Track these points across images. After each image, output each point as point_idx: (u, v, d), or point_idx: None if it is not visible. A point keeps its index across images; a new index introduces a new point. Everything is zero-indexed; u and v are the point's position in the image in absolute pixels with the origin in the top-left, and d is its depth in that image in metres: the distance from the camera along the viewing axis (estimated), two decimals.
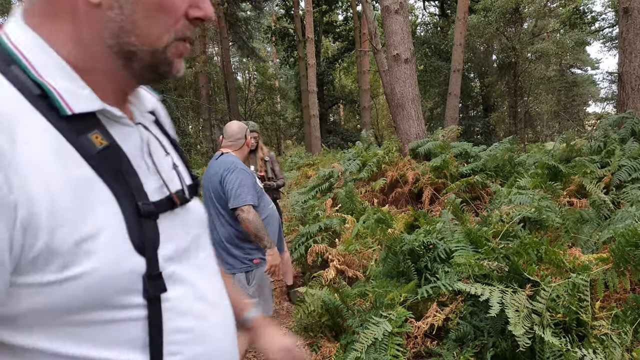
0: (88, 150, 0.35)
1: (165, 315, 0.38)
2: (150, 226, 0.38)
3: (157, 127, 0.48)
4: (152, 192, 0.40)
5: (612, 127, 3.39)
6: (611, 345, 1.30)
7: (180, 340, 0.40)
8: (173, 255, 0.41)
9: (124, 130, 0.40)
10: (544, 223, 2.11)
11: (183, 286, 0.41)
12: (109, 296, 0.35)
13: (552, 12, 12.84)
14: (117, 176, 0.37)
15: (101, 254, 0.34)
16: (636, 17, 3.54)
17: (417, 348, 1.66)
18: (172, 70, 0.40)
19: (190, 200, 0.45)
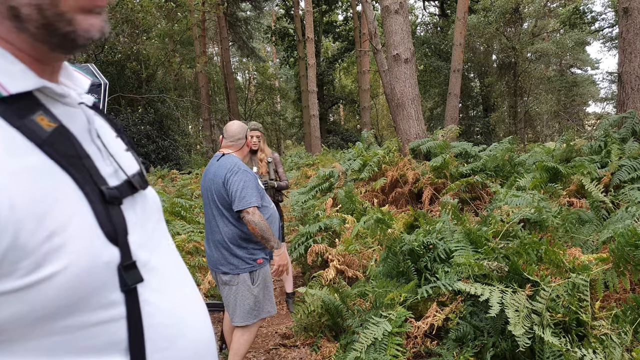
0: (37, 135, 0.31)
1: (144, 310, 0.35)
2: (117, 212, 0.34)
3: (92, 108, 0.42)
4: (108, 177, 0.36)
5: (612, 127, 3.39)
6: (611, 345, 1.30)
7: (165, 334, 0.36)
8: (143, 241, 0.37)
9: (68, 110, 0.35)
10: (544, 223, 2.11)
11: (158, 276, 0.37)
12: (87, 294, 0.31)
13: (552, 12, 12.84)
14: (74, 160, 0.33)
15: (73, 247, 0.30)
16: (636, 17, 3.54)
17: (417, 348, 1.66)
18: (76, 29, 0.32)
19: (147, 186, 0.42)
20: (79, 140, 0.35)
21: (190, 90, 15.26)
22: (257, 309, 1.63)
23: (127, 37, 9.09)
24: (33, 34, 0.32)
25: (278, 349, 2.11)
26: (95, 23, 0.33)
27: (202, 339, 0.41)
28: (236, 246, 1.60)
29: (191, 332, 0.40)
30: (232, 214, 1.60)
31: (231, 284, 1.62)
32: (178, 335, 0.38)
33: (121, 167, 0.38)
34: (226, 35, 12.51)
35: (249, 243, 1.62)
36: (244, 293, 1.61)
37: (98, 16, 0.34)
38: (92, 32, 0.33)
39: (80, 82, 0.40)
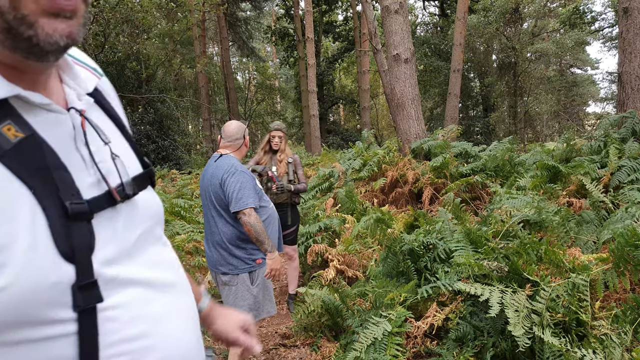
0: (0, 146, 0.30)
1: (105, 326, 0.33)
2: (82, 228, 0.33)
3: (101, 110, 0.41)
4: (88, 187, 0.35)
5: (612, 127, 3.39)
6: (611, 345, 1.30)
7: (126, 350, 0.35)
8: (115, 257, 0.35)
9: (50, 117, 0.34)
10: (544, 223, 2.11)
11: (132, 288, 0.36)
12: (32, 312, 0.30)
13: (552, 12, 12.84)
14: (39, 173, 0.31)
15: (16, 266, 0.29)
16: (636, 17, 3.54)
17: (417, 348, 1.66)
18: (38, 33, 0.30)
19: (137, 194, 0.40)
20: (55, 150, 0.33)
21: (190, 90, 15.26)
22: (257, 309, 1.63)
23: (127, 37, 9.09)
24: (5, 42, 0.30)
25: (278, 349, 2.11)
26: (60, 28, 0.31)
27: (177, 354, 0.39)
28: (235, 247, 1.60)
29: (163, 346, 0.37)
30: (230, 214, 1.59)
31: (230, 284, 1.62)
32: (145, 350, 0.36)
33: (104, 177, 0.36)
34: (226, 35, 12.50)
35: (248, 244, 1.62)
36: (243, 293, 1.61)
37: (65, 21, 0.32)
38: (54, 37, 0.31)
39: (83, 83, 0.39)
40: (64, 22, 0.31)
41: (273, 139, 2.57)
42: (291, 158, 2.56)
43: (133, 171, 0.41)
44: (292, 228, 2.57)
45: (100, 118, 0.41)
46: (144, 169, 0.43)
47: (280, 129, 2.59)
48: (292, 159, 2.56)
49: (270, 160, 2.57)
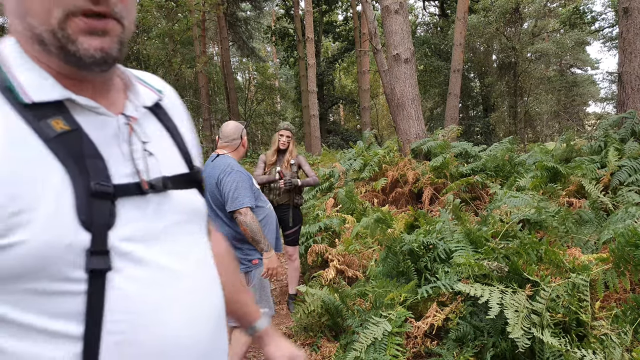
0: (46, 134, 0.38)
1: (111, 293, 0.38)
2: (103, 206, 0.39)
3: (157, 120, 0.49)
4: (122, 176, 0.41)
5: (612, 127, 3.39)
6: (611, 346, 1.30)
7: (125, 320, 0.39)
8: (134, 236, 0.41)
9: (98, 119, 0.42)
10: (543, 223, 2.11)
11: (141, 268, 0.40)
12: (48, 266, 0.36)
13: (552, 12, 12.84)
14: (75, 158, 0.39)
15: (38, 225, 0.35)
16: (636, 17, 3.54)
17: (417, 348, 1.66)
18: (79, 48, 0.38)
19: (170, 189, 0.45)
20: (96, 143, 0.41)
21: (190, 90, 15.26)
22: None
23: None
24: (57, 54, 0.39)
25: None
26: (94, 44, 0.39)
27: (175, 342, 0.41)
28: (231, 247, 1.60)
29: (160, 329, 0.41)
30: (226, 214, 1.59)
31: None
32: (141, 326, 0.39)
33: (138, 170, 0.43)
34: (226, 35, 12.50)
35: (244, 244, 1.61)
36: None
37: (99, 38, 0.39)
38: (91, 52, 0.39)
39: (141, 97, 0.48)
40: (97, 39, 0.39)
41: (280, 137, 2.58)
42: (293, 160, 2.56)
43: (172, 171, 0.47)
44: (294, 229, 2.57)
45: (153, 126, 0.48)
46: (191, 171, 0.49)
47: (288, 129, 2.59)
48: (295, 160, 2.56)
49: (277, 160, 2.58)
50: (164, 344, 0.41)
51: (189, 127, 0.54)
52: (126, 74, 0.49)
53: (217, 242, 0.64)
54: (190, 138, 0.53)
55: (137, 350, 0.39)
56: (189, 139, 0.52)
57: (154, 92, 0.50)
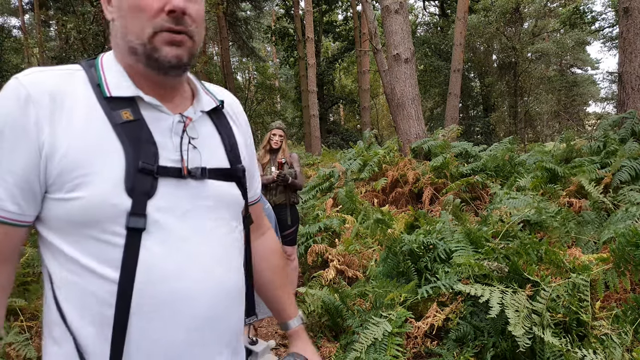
0: (115, 120, 0.50)
1: (143, 249, 0.48)
2: (147, 180, 0.49)
3: (211, 123, 0.59)
4: (168, 160, 0.52)
5: (612, 127, 3.39)
6: (611, 346, 1.30)
7: (150, 272, 0.48)
8: (167, 208, 0.50)
9: (158, 115, 0.53)
10: (544, 224, 2.11)
11: (167, 234, 0.50)
12: (99, 219, 0.48)
13: (552, 12, 12.84)
14: (134, 141, 0.50)
15: (94, 187, 0.47)
16: (636, 17, 3.54)
17: (417, 348, 1.66)
18: (160, 55, 0.51)
19: (208, 178, 0.54)
20: (152, 132, 0.52)
21: None
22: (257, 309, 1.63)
23: None
24: (144, 61, 0.52)
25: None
26: (171, 52, 0.51)
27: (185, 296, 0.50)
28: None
29: (175, 285, 0.49)
30: None
31: None
32: (161, 279, 0.49)
33: (183, 157, 0.53)
34: (226, 35, 12.49)
35: None
36: None
37: (176, 48, 0.51)
38: (169, 58, 0.51)
39: (202, 102, 0.58)
40: (174, 49, 0.51)
41: (273, 137, 2.58)
42: (284, 159, 2.56)
43: (213, 164, 0.56)
44: (292, 228, 2.57)
45: (207, 128, 0.58)
46: (232, 167, 0.58)
47: (280, 127, 2.59)
48: (285, 159, 2.56)
49: (270, 160, 2.58)
50: (176, 297, 0.49)
51: (246, 133, 0.65)
52: (197, 85, 0.60)
53: (267, 240, 0.73)
54: (243, 142, 0.63)
55: (156, 299, 0.49)
56: (241, 142, 0.62)
57: (214, 101, 0.60)
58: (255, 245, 0.69)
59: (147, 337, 0.49)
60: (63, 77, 0.51)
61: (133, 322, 0.48)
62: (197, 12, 0.52)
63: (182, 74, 0.54)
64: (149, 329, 0.49)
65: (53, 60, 12.21)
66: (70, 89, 0.51)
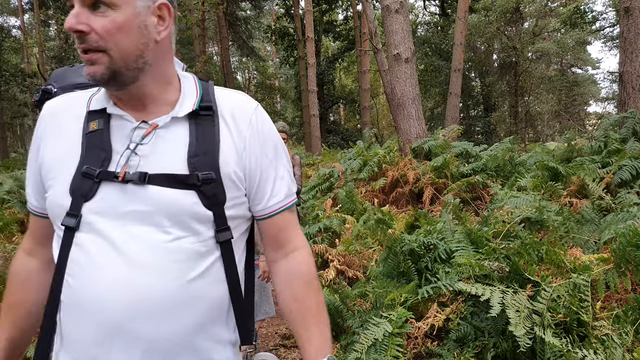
0: (84, 129, 0.57)
1: (74, 247, 0.54)
2: (87, 183, 0.54)
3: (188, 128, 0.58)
4: (117, 166, 0.55)
5: (613, 127, 3.38)
6: (612, 346, 1.30)
7: (76, 269, 0.53)
8: (101, 211, 0.54)
9: (123, 123, 0.57)
10: (545, 223, 2.10)
11: (96, 235, 0.53)
12: (53, 216, 0.56)
13: (553, 11, 12.82)
14: (90, 148, 0.55)
15: (53, 188, 0.56)
16: (637, 17, 3.53)
17: (418, 349, 1.66)
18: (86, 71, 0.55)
19: (154, 185, 0.54)
20: (113, 139, 0.56)
21: None
22: (256, 309, 1.63)
23: None
24: None
25: (278, 350, 2.11)
26: (88, 70, 0.53)
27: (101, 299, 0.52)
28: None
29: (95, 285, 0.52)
30: None
31: None
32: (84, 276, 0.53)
33: (122, 163, 0.55)
34: (226, 35, 12.49)
35: None
36: None
37: (89, 66, 0.53)
38: (89, 76, 0.54)
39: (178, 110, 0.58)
40: (89, 67, 0.53)
41: None
42: None
43: (160, 170, 0.55)
44: None
45: (176, 133, 0.57)
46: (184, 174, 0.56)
47: (283, 130, 2.58)
48: None
49: None
50: (88, 297, 0.52)
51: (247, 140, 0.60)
52: (186, 92, 0.59)
53: (291, 263, 0.63)
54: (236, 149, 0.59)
55: (74, 296, 0.53)
56: (231, 149, 0.58)
57: (193, 105, 0.59)
58: (277, 268, 0.64)
59: (68, 332, 0.53)
60: (75, 98, 0.60)
61: (60, 315, 0.54)
62: (104, 27, 0.50)
63: (120, 87, 0.54)
64: (68, 324, 0.53)
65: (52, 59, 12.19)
66: (70, 107, 0.58)
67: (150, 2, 0.53)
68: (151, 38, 0.54)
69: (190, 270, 0.54)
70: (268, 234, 0.64)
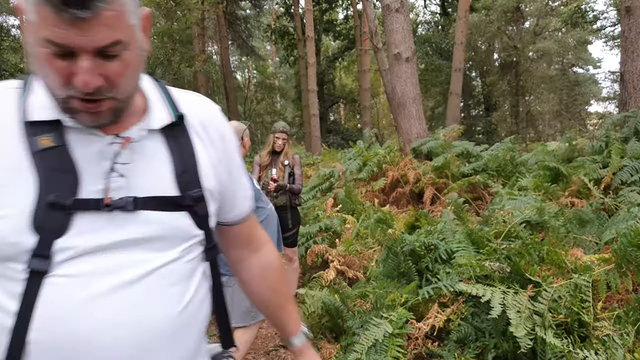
0: (32, 148, 0.45)
1: (44, 290, 0.44)
2: (57, 216, 0.44)
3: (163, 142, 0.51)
4: (90, 192, 0.46)
5: (614, 126, 3.37)
6: (613, 346, 1.30)
7: (49, 317, 0.44)
8: (80, 247, 0.45)
9: (88, 137, 0.47)
10: (546, 224, 2.10)
11: (79, 274, 0.45)
12: (3, 256, 0.44)
13: (554, 10, 12.80)
14: (49, 171, 0.44)
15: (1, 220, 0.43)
16: (638, 16, 3.52)
17: (418, 349, 1.66)
18: (78, 119, 0.45)
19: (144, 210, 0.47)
20: (77, 158, 0.46)
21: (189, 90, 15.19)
22: (255, 310, 1.62)
23: None
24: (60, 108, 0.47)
25: (278, 350, 2.10)
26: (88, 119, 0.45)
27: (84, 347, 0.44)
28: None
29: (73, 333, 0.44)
30: None
31: (227, 285, 1.61)
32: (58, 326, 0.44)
33: (107, 188, 0.46)
34: (225, 34, 12.47)
35: None
36: (240, 295, 1.60)
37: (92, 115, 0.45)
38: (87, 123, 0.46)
39: (150, 121, 0.51)
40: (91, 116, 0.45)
41: (277, 140, 2.56)
42: (287, 160, 2.54)
43: (150, 193, 0.48)
44: (293, 230, 2.57)
45: (153, 148, 0.50)
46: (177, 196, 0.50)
47: (284, 131, 2.57)
48: (289, 161, 2.55)
49: (271, 162, 2.57)
50: (75, 341, 0.44)
51: (221, 150, 0.56)
52: (151, 97, 0.52)
53: (263, 257, 0.66)
54: (211, 161, 0.54)
55: (53, 342, 0.44)
56: (207, 162, 0.54)
57: (169, 116, 0.52)
58: (250, 265, 0.65)
59: None
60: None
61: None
62: (116, 72, 0.43)
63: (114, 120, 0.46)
64: None
65: None
66: None
67: (138, 20, 0.45)
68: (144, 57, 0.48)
69: (185, 293, 0.51)
70: (242, 236, 0.64)
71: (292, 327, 0.68)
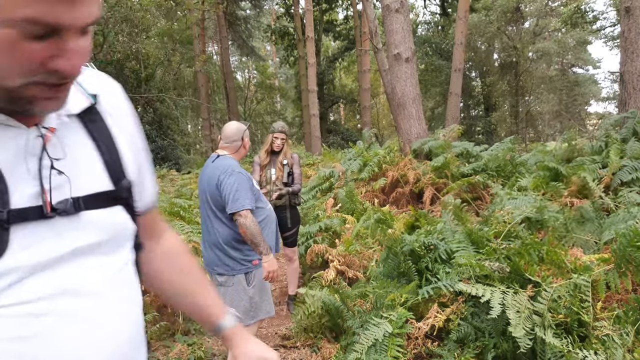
0: None
1: None
2: None
3: (83, 129, 0.44)
4: (26, 198, 0.38)
5: (614, 126, 3.38)
6: (612, 346, 1.30)
7: None
8: (24, 266, 0.37)
9: (4, 131, 0.38)
10: (545, 224, 2.10)
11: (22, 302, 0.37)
12: None
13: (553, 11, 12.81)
14: None
15: None
16: (638, 17, 3.53)
17: (418, 349, 1.66)
18: (34, 107, 0.37)
19: (86, 210, 0.42)
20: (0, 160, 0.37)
21: (189, 90, 15.25)
22: (254, 310, 1.62)
23: (126, 37, 9.06)
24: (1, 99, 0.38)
25: (278, 350, 2.11)
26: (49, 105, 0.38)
27: None
28: (230, 248, 1.60)
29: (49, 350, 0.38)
30: (226, 215, 1.59)
31: (226, 284, 1.61)
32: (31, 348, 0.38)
33: (44, 190, 0.38)
34: (226, 34, 12.48)
35: (244, 245, 1.61)
36: (239, 294, 1.60)
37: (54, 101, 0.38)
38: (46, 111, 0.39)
39: (68, 105, 0.42)
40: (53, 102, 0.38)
41: (275, 140, 2.56)
42: (286, 160, 2.54)
43: (88, 190, 0.42)
44: (292, 230, 2.56)
45: (76, 137, 0.43)
46: (113, 190, 0.44)
47: (283, 131, 2.57)
48: (287, 161, 2.55)
49: (270, 162, 2.57)
50: None
51: (132, 132, 0.50)
52: None
53: (166, 242, 0.60)
54: (127, 144, 0.48)
55: None
56: (126, 148, 0.48)
57: (85, 98, 0.45)
58: (156, 255, 0.58)
59: None
60: None
61: None
62: (88, 50, 0.37)
63: None
64: None
65: None
66: None
67: None
68: None
69: (138, 293, 0.47)
70: (146, 227, 0.56)
71: (216, 310, 0.61)
